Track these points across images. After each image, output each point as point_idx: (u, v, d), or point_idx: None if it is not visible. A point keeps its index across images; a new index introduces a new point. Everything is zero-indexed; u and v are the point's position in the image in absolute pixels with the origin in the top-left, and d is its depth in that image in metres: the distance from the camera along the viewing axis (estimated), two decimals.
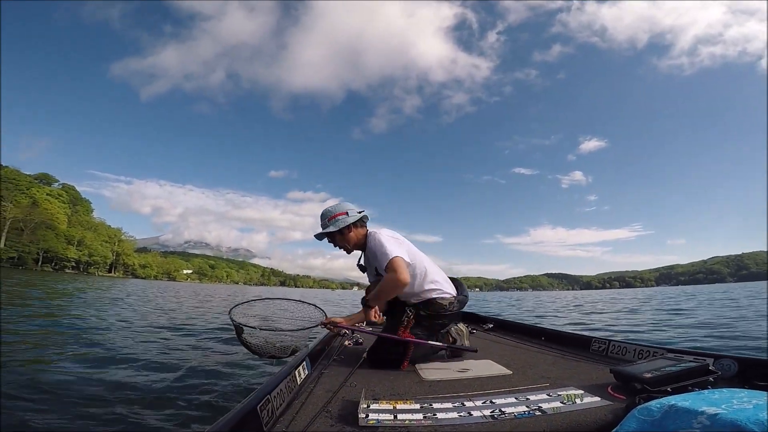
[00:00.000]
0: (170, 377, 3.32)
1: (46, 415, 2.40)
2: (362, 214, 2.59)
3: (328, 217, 2.54)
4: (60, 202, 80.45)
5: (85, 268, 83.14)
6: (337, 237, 2.54)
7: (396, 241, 2.45)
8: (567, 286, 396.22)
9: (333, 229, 2.50)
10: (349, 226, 2.53)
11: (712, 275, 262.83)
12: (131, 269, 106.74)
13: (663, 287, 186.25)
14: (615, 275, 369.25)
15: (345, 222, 2.50)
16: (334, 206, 2.59)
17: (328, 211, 2.57)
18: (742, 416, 0.89)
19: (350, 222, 2.52)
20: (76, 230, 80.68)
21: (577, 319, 10.60)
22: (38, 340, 4.58)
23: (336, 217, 2.52)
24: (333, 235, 2.55)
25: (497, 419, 1.31)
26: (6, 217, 63.01)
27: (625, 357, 2.30)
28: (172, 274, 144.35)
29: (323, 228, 2.55)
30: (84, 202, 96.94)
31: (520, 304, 21.21)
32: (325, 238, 2.60)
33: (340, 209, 2.55)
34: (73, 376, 3.24)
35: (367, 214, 2.63)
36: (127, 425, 2.33)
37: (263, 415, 1.25)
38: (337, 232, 2.52)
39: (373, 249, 2.41)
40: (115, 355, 4.08)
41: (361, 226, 2.60)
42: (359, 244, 2.59)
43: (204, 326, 7.02)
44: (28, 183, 74.02)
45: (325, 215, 2.57)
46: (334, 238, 2.56)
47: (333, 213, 2.54)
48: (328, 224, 2.53)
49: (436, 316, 2.43)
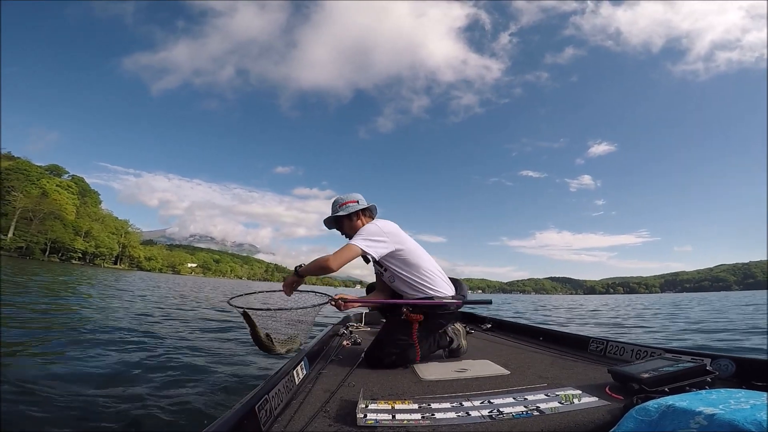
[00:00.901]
0: (167, 376, 3.28)
1: (44, 415, 2.37)
2: (371, 205, 2.69)
3: (340, 203, 2.62)
4: (69, 193, 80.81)
5: (92, 259, 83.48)
6: (345, 223, 2.60)
7: (383, 235, 2.40)
8: (570, 290, 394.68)
9: (343, 213, 2.57)
10: (358, 213, 2.61)
11: (718, 283, 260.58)
12: (137, 261, 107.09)
13: (667, 294, 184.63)
14: (619, 281, 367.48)
15: (354, 208, 2.57)
16: (346, 195, 2.67)
17: (340, 199, 2.65)
18: (740, 416, 0.89)
19: (359, 209, 2.59)
20: (84, 221, 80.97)
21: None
22: (35, 336, 4.53)
23: (347, 204, 2.60)
24: (341, 222, 2.61)
25: (495, 419, 1.31)
26: (15, 206, 63.62)
27: (623, 357, 2.30)
28: (177, 268, 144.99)
29: (333, 213, 2.62)
30: (92, 193, 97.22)
31: (540, 307, 21.39)
32: (333, 227, 2.67)
33: (352, 197, 2.63)
34: (70, 374, 3.20)
35: (376, 206, 2.72)
36: (123, 425, 2.29)
37: (261, 414, 1.26)
38: (346, 217, 2.58)
39: (359, 232, 2.43)
40: (111, 352, 4.03)
41: (369, 215, 2.67)
42: None
43: (202, 323, 6.96)
44: (38, 174, 74.38)
45: (336, 202, 2.65)
46: (342, 224, 2.62)
47: (345, 200, 2.62)
48: (338, 210, 2.59)
49: (435, 316, 2.41)
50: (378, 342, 2.35)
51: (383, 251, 2.36)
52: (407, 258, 2.42)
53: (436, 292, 2.43)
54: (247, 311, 1.91)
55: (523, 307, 20.57)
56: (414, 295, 2.44)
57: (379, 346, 2.32)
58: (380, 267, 2.54)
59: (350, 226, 2.58)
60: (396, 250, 2.39)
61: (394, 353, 2.25)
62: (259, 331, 1.96)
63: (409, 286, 2.43)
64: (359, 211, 2.60)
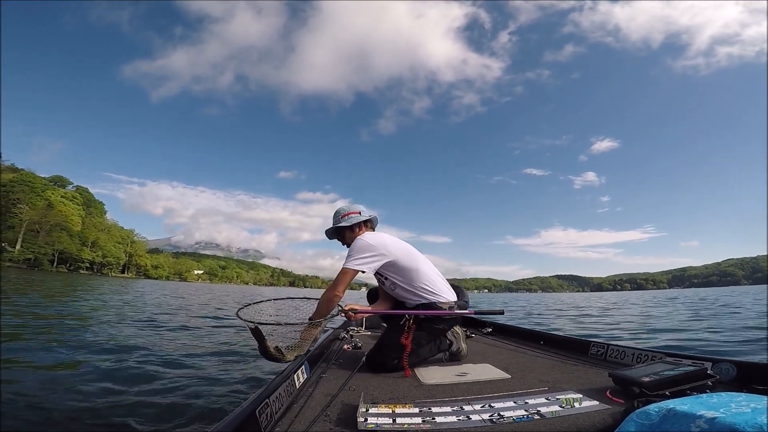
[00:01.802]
0: (168, 380, 3.28)
1: (43, 415, 2.39)
2: (373, 216, 2.75)
3: (342, 214, 2.67)
4: (74, 204, 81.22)
5: (99, 269, 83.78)
6: (347, 234, 2.64)
7: (372, 249, 2.41)
8: (577, 287, 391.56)
9: (345, 224, 2.62)
10: (360, 225, 2.66)
11: (727, 277, 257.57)
12: (144, 270, 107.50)
13: (676, 289, 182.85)
14: (626, 277, 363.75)
15: (356, 219, 2.63)
16: (347, 206, 2.72)
17: (342, 209, 2.71)
18: (741, 420, 0.88)
19: (361, 220, 2.65)
20: (90, 232, 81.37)
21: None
22: (37, 341, 4.55)
23: (349, 215, 2.66)
24: (343, 232, 2.66)
25: (496, 423, 1.30)
26: (22, 219, 64.14)
27: (624, 361, 2.28)
28: (184, 275, 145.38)
29: (335, 224, 2.67)
30: (97, 203, 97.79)
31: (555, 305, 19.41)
32: (335, 238, 2.73)
33: (354, 209, 2.68)
34: (70, 376, 3.23)
35: (377, 217, 2.78)
36: (123, 429, 2.29)
37: (262, 419, 1.25)
38: (348, 228, 2.63)
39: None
40: (112, 356, 4.04)
41: (370, 227, 2.72)
42: None
43: (205, 327, 6.99)
44: (43, 185, 74.86)
45: (338, 213, 2.70)
46: (343, 235, 2.67)
47: (347, 211, 2.67)
48: (340, 221, 2.64)
49: (436, 320, 2.42)
50: (380, 346, 2.34)
51: (376, 265, 2.40)
52: (405, 266, 2.43)
53: (438, 297, 2.43)
54: (258, 327, 1.86)
55: (544, 310, 15.79)
56: (416, 301, 2.45)
57: (380, 350, 2.31)
58: (381, 276, 2.55)
59: (351, 237, 2.61)
60: (389, 261, 2.42)
61: (396, 357, 2.24)
62: (268, 345, 1.94)
63: (410, 292, 2.44)
64: (361, 222, 2.65)
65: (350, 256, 2.40)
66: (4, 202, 63.17)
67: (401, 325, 2.34)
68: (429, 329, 2.40)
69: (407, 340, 2.27)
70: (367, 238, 2.47)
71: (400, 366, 2.23)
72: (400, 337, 2.29)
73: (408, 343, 2.26)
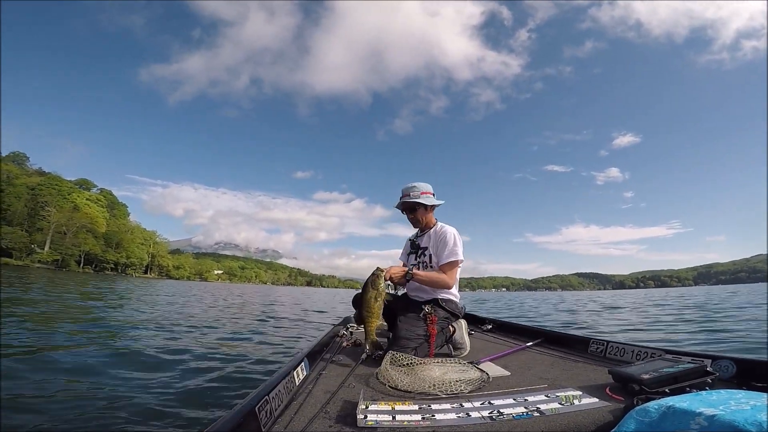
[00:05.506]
0: (167, 377, 3.27)
1: (42, 416, 2.36)
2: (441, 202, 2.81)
3: (421, 191, 2.70)
4: (99, 206, 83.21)
5: (123, 269, 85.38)
6: (421, 211, 2.71)
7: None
8: (598, 285, 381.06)
9: (426, 202, 2.67)
10: (433, 206, 2.76)
11: (756, 274, 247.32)
12: (166, 270, 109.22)
13: (701, 287, 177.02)
14: (650, 274, 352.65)
15: (436, 202, 2.73)
16: (422, 184, 2.74)
17: (421, 186, 2.72)
18: (740, 417, 0.88)
19: (437, 204, 2.75)
20: (114, 233, 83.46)
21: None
22: (45, 340, 4.57)
23: (428, 194, 2.71)
24: (417, 208, 2.71)
25: (495, 420, 1.28)
26: (50, 221, 66.16)
27: (624, 358, 2.25)
28: (204, 275, 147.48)
29: (413, 198, 2.68)
30: (120, 206, 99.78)
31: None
32: (403, 210, 2.82)
33: (428, 188, 2.73)
34: (70, 375, 3.22)
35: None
36: (123, 426, 2.28)
37: (262, 415, 1.24)
38: (424, 206, 2.70)
39: (447, 240, 2.58)
40: (114, 354, 4.04)
41: (432, 210, 2.81)
42: (428, 225, 2.77)
43: (209, 326, 7.02)
44: (69, 188, 76.70)
45: (417, 188, 2.71)
46: (416, 210, 2.72)
47: (426, 189, 2.72)
48: (420, 196, 2.68)
49: (453, 314, 2.58)
50: (397, 338, 2.34)
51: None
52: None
53: (455, 295, 2.64)
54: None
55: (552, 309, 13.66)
56: (433, 294, 2.60)
57: (398, 341, 2.31)
58: (416, 264, 2.69)
59: (424, 215, 2.72)
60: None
61: (413, 348, 2.27)
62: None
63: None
64: (435, 206, 2.75)
65: (458, 246, 2.55)
66: (33, 205, 65.32)
67: (422, 316, 2.42)
68: (440, 322, 2.49)
69: (433, 329, 2.37)
70: (454, 230, 2.62)
71: (421, 355, 2.25)
72: (421, 328, 2.36)
73: (434, 331, 2.36)
